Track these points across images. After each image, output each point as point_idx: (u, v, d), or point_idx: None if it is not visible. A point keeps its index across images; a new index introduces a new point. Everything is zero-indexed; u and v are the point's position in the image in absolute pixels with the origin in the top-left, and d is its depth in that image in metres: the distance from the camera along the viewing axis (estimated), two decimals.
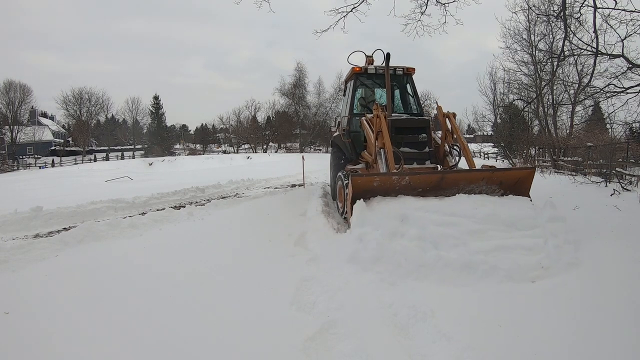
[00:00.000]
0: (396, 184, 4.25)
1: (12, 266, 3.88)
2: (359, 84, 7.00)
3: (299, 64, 49.66)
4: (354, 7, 7.35)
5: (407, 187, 4.29)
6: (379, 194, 4.31)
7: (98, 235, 5.00)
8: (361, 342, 2.40)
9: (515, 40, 17.32)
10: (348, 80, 7.35)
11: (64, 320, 2.80)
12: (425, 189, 4.35)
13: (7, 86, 44.20)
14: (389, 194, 4.30)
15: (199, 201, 8.72)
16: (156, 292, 3.28)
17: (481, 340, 2.32)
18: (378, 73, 6.84)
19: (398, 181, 4.23)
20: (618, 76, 5.96)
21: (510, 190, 4.74)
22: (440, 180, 4.30)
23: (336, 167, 7.26)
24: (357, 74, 6.86)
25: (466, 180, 4.44)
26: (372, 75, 6.99)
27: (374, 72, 6.86)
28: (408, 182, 4.24)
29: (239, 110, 53.21)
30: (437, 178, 4.30)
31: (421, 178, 4.26)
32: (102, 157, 45.23)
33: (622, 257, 3.49)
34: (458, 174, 4.48)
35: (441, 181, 4.32)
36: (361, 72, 6.86)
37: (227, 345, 2.48)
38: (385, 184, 4.23)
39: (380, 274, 3.28)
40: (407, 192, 4.30)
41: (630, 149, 10.19)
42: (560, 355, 2.17)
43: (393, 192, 4.29)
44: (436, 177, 4.30)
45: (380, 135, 5.08)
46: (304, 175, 11.42)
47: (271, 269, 3.82)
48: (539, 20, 15.62)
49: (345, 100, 7.52)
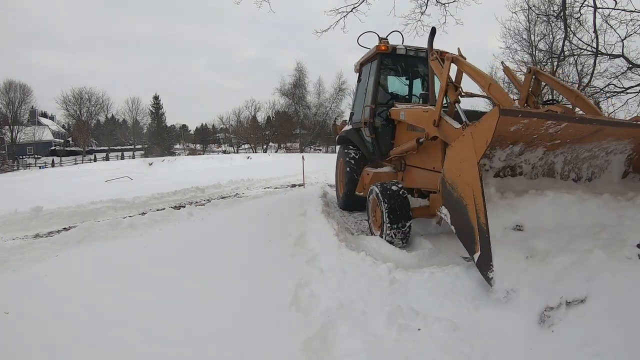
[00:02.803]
0: (534, 132, 2.81)
1: (12, 266, 3.88)
2: (383, 66, 5.68)
3: (299, 64, 49.82)
4: (354, 7, 7.36)
5: (543, 138, 2.94)
6: (503, 145, 2.92)
7: (98, 235, 5.00)
8: (361, 343, 2.40)
9: (515, 40, 17.31)
10: (367, 62, 6.07)
11: (63, 320, 2.80)
12: (565, 140, 3.03)
13: (7, 86, 44.27)
14: (515, 145, 2.95)
15: (199, 201, 8.72)
16: (156, 292, 3.28)
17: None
18: (409, 55, 5.58)
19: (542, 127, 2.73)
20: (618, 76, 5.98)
21: (632, 163, 3.52)
22: (597, 131, 2.96)
23: (350, 169, 6.11)
24: (382, 54, 5.52)
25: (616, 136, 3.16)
26: (401, 57, 5.69)
27: (403, 53, 5.56)
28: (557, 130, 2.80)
29: (239, 110, 53.26)
30: (593, 129, 2.92)
31: (572, 132, 2.91)
32: (102, 157, 45.24)
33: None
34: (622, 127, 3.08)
35: (595, 133, 3.00)
36: (387, 52, 5.51)
37: (227, 345, 2.48)
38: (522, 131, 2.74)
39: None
40: (537, 145, 3.01)
41: None
42: None
43: (523, 142, 2.93)
44: (592, 128, 2.91)
45: (450, 88, 3.78)
46: (304, 175, 11.42)
47: (271, 269, 3.82)
48: (539, 20, 15.62)
49: (362, 88, 6.17)
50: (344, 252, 3.94)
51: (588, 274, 2.21)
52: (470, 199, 2.63)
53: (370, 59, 5.91)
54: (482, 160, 2.80)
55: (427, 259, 3.97)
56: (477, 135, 2.64)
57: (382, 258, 3.92)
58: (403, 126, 5.01)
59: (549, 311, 2.18)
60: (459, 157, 2.84)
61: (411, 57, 5.62)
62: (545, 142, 3.02)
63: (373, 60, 5.76)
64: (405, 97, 5.92)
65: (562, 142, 3.10)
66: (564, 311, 2.13)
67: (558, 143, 3.08)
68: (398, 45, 5.61)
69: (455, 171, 2.85)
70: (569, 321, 2.07)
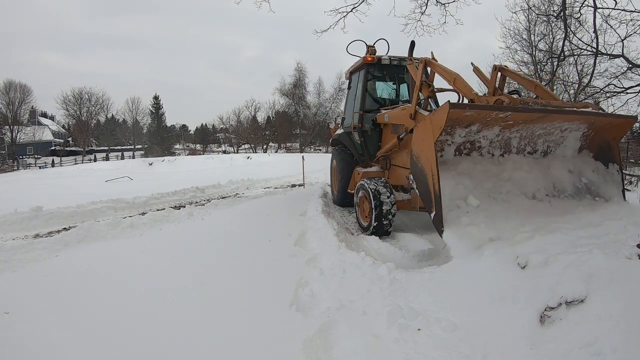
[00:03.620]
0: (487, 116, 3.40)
1: (12, 266, 3.88)
2: (370, 75, 6.25)
3: (299, 64, 49.75)
4: (354, 7, 7.35)
5: (497, 120, 3.49)
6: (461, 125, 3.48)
7: (98, 235, 5.00)
8: (362, 343, 2.40)
9: (515, 41, 17.31)
10: (355, 71, 6.61)
11: (63, 320, 2.81)
12: (517, 121, 3.62)
13: (7, 86, 44.22)
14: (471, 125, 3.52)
15: (198, 201, 8.72)
16: (156, 292, 3.28)
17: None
18: (393, 65, 6.13)
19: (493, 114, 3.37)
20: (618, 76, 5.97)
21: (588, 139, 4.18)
22: (542, 117, 3.61)
23: (343, 169, 6.68)
24: (369, 64, 6.10)
25: (563, 119, 3.77)
26: (385, 67, 6.25)
27: (388, 63, 6.12)
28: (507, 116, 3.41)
29: (239, 110, 53.20)
30: (538, 116, 3.57)
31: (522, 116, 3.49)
32: (102, 157, 45.20)
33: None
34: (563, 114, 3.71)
35: (542, 118, 3.62)
36: (373, 62, 6.09)
37: (227, 345, 2.48)
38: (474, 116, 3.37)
39: None
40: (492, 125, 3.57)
41: (630, 149, 10.20)
42: None
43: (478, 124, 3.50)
44: (539, 115, 3.56)
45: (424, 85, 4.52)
46: (304, 175, 11.42)
47: (271, 268, 3.83)
48: (539, 20, 15.63)
49: (352, 94, 6.72)
50: (344, 252, 3.95)
51: (588, 274, 2.21)
52: (429, 170, 3.31)
53: (358, 69, 6.44)
54: (445, 136, 3.52)
55: (427, 259, 3.98)
56: (434, 122, 3.27)
57: (383, 258, 3.93)
58: (388, 129, 5.56)
59: (549, 311, 2.18)
60: (422, 136, 3.47)
61: (395, 66, 6.18)
62: (500, 123, 3.57)
63: (361, 69, 6.29)
64: (392, 102, 6.40)
65: (515, 123, 3.65)
66: (564, 311, 2.13)
67: (511, 123, 3.64)
68: (383, 55, 6.15)
69: (419, 147, 3.49)
70: (569, 321, 2.07)
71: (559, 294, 2.19)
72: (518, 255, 2.72)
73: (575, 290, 2.16)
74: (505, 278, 2.59)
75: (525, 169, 3.85)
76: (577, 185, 4.03)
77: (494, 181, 3.68)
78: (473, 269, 2.86)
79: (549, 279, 2.33)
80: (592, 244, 2.68)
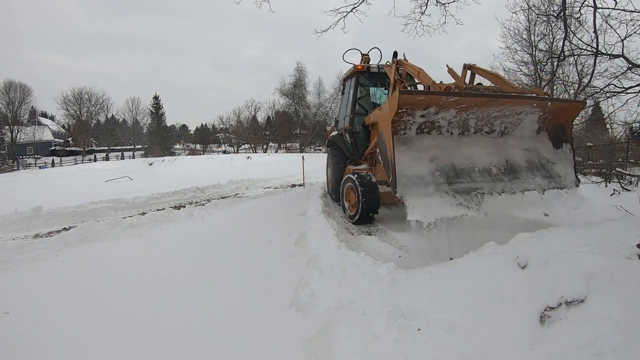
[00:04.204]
0: (441, 100, 4.00)
1: (12, 266, 3.88)
2: (360, 82, 6.83)
3: (299, 64, 49.69)
4: (354, 7, 7.34)
5: (451, 103, 4.06)
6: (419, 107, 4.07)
7: (98, 235, 5.00)
8: (362, 343, 2.40)
9: (515, 41, 17.32)
10: (348, 78, 7.22)
11: (63, 320, 2.81)
12: (470, 104, 4.17)
13: (7, 86, 44.22)
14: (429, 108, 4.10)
15: (198, 201, 8.72)
16: (156, 292, 3.28)
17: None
18: (381, 72, 6.74)
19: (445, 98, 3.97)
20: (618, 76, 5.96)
21: (546, 122, 4.71)
22: (490, 101, 4.19)
23: (336, 168, 7.25)
24: (359, 72, 6.74)
25: (514, 103, 4.35)
26: (374, 75, 6.87)
27: (376, 71, 6.76)
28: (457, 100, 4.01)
29: (239, 110, 53.22)
30: (487, 100, 4.17)
31: (469, 100, 4.09)
32: (102, 157, 45.20)
33: None
34: (510, 98, 4.34)
35: (490, 102, 4.20)
36: (363, 70, 6.74)
37: (227, 345, 2.48)
38: (429, 99, 4.01)
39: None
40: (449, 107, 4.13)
41: (630, 149, 10.21)
42: None
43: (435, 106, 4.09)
44: (486, 99, 4.17)
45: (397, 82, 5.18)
46: (304, 175, 11.42)
47: (271, 268, 3.83)
48: (539, 20, 15.62)
49: (345, 99, 7.36)
50: (344, 252, 3.95)
51: (588, 274, 2.21)
52: (388, 143, 3.93)
53: (350, 76, 7.08)
54: (406, 117, 4.14)
55: (427, 259, 3.98)
56: (390, 106, 3.96)
57: (383, 258, 3.93)
58: (375, 129, 5.87)
59: (549, 311, 2.18)
60: (383, 117, 4.14)
61: (383, 73, 6.71)
62: (454, 106, 4.14)
63: (352, 77, 6.92)
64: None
65: (468, 106, 4.21)
66: (564, 311, 2.13)
67: (465, 107, 4.19)
68: (372, 64, 6.86)
69: (382, 126, 4.15)
70: (569, 321, 2.07)
71: (559, 294, 2.19)
72: (518, 255, 2.72)
73: (575, 290, 2.16)
74: (505, 278, 2.59)
75: (480, 145, 4.42)
76: (531, 161, 4.55)
77: (449, 155, 4.22)
78: (473, 269, 2.86)
79: (549, 279, 2.33)
80: (592, 244, 2.67)
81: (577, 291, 2.16)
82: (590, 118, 17.93)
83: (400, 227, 5.36)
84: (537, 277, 2.44)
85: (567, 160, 4.70)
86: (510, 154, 4.48)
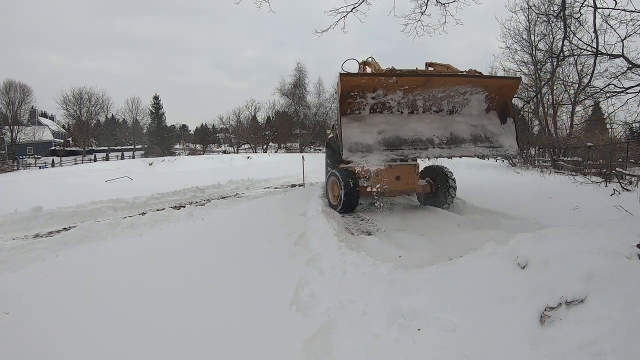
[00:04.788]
0: (384, 83, 4.81)
1: (12, 266, 3.88)
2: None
3: (299, 64, 49.55)
4: (354, 7, 7.33)
5: (395, 86, 4.83)
6: (368, 90, 4.94)
7: (98, 235, 5.00)
8: (362, 343, 2.40)
9: (515, 40, 17.31)
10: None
11: (63, 320, 2.81)
12: (412, 86, 4.91)
13: (7, 86, 44.18)
14: (377, 90, 4.99)
15: (198, 201, 8.72)
16: (156, 293, 3.28)
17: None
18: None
19: (386, 80, 4.76)
20: (618, 76, 5.94)
21: (494, 102, 5.30)
22: (426, 81, 4.92)
23: (330, 166, 7.80)
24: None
25: (452, 83, 5.03)
26: None
27: None
28: (395, 81, 4.76)
29: (239, 110, 53.20)
30: (423, 80, 4.95)
31: (408, 79, 4.86)
32: (102, 157, 45.17)
33: None
34: (446, 77, 5.12)
35: (427, 82, 4.92)
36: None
37: (227, 345, 2.48)
38: (374, 82, 4.85)
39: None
40: (395, 90, 4.96)
41: (630, 149, 10.21)
42: None
43: (382, 89, 4.95)
44: (423, 79, 4.96)
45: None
46: (304, 175, 11.42)
47: (271, 269, 3.83)
48: (539, 20, 15.61)
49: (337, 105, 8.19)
50: (344, 252, 3.94)
51: (588, 274, 2.21)
52: (338, 119, 4.74)
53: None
54: (359, 99, 4.95)
55: (427, 259, 3.98)
56: (338, 87, 4.83)
57: (383, 258, 3.92)
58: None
59: (549, 311, 2.18)
60: (336, 101, 5.20)
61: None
62: (399, 88, 4.84)
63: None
64: None
65: (410, 88, 4.91)
66: (564, 311, 2.13)
67: (408, 88, 4.87)
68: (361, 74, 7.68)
69: (336, 107, 5.33)
70: (569, 321, 2.07)
71: (559, 294, 2.19)
72: (518, 255, 2.72)
73: (575, 290, 2.16)
74: (505, 278, 2.59)
75: (426, 122, 5.16)
76: (475, 135, 5.22)
77: (396, 129, 4.99)
78: (473, 269, 2.86)
79: (549, 279, 2.33)
80: (592, 244, 2.67)
81: (577, 291, 2.16)
82: (590, 118, 17.96)
83: (400, 227, 5.36)
84: (537, 277, 2.44)
85: (510, 132, 5.29)
86: (456, 129, 5.18)
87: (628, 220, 3.22)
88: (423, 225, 5.41)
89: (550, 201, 6.56)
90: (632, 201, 5.85)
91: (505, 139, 5.24)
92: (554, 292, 2.23)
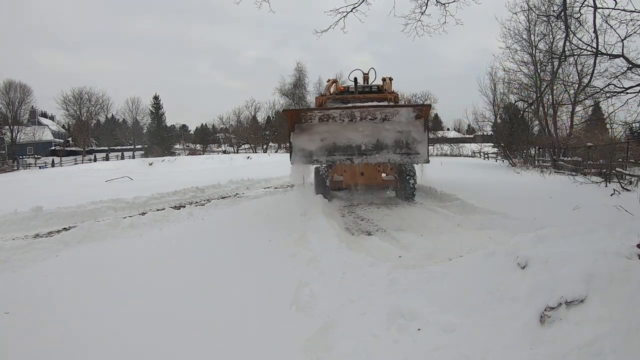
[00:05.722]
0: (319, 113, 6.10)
1: (12, 266, 3.88)
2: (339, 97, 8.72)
3: (299, 64, 49.55)
4: (354, 7, 7.32)
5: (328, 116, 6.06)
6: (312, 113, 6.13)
7: (98, 235, 5.01)
8: (362, 343, 2.39)
9: (516, 41, 17.33)
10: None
11: (63, 320, 2.81)
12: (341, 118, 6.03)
13: (7, 86, 44.26)
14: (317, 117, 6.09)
15: (199, 201, 8.72)
16: (156, 293, 3.28)
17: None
18: (358, 91, 8.55)
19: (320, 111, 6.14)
20: (618, 76, 5.94)
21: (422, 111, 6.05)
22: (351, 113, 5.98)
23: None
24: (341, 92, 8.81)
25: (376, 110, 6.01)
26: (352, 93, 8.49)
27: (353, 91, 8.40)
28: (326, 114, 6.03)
29: (239, 110, 53.30)
30: (349, 111, 5.98)
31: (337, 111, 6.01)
32: (102, 157, 45.19)
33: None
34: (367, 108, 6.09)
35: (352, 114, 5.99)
36: (343, 91, 8.74)
37: (227, 345, 2.48)
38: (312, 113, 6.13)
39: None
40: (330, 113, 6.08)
41: (630, 149, 10.21)
42: None
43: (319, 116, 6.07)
44: (349, 111, 5.98)
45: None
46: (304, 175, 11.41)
47: (271, 268, 3.83)
48: (539, 21, 15.62)
49: None
50: (345, 253, 3.95)
51: (588, 274, 2.21)
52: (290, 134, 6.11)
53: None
54: (309, 114, 6.16)
55: (427, 259, 3.97)
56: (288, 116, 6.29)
57: (383, 258, 3.92)
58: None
59: (549, 311, 2.18)
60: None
61: (360, 92, 8.36)
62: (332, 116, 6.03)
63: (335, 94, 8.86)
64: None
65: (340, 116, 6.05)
66: (564, 311, 2.13)
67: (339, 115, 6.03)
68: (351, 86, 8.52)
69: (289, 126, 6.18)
70: (569, 321, 2.07)
71: (559, 294, 2.19)
72: (518, 255, 2.72)
73: (575, 290, 2.16)
74: (505, 278, 2.59)
75: (360, 130, 5.88)
76: (398, 141, 5.82)
77: (334, 136, 5.87)
78: (473, 269, 2.86)
79: (549, 279, 2.33)
80: (592, 243, 2.67)
81: (577, 291, 2.16)
82: (590, 118, 17.97)
83: (400, 227, 5.36)
84: (537, 277, 2.43)
85: (424, 141, 5.90)
86: (383, 135, 5.82)
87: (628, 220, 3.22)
88: (423, 225, 5.41)
89: (550, 201, 6.56)
90: (632, 201, 5.85)
91: (422, 147, 5.84)
92: (554, 292, 2.23)
